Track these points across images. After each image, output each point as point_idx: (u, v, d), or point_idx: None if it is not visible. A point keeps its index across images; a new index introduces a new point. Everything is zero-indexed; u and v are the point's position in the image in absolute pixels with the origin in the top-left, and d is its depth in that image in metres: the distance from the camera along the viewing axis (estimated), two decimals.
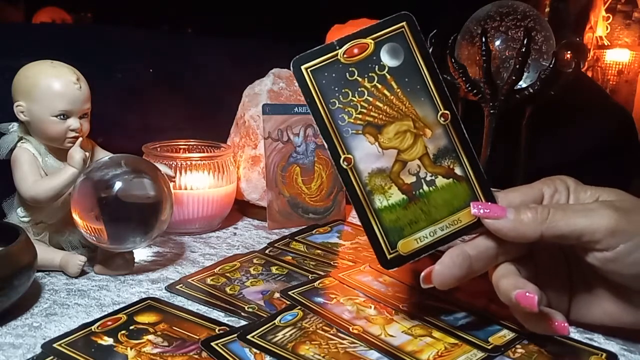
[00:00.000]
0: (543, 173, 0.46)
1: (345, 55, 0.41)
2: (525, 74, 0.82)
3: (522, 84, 0.82)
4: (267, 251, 0.61)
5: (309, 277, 0.54)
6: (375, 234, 0.40)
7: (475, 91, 0.83)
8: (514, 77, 0.80)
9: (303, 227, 0.69)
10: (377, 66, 0.41)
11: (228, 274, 0.54)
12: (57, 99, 0.50)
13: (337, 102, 0.40)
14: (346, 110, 0.41)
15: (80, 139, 0.52)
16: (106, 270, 0.53)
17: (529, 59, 0.80)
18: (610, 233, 0.39)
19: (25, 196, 0.51)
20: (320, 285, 0.52)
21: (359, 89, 0.41)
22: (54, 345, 0.40)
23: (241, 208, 0.74)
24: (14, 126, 0.53)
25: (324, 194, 0.72)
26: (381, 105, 0.41)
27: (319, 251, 0.62)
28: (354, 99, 0.41)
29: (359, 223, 0.41)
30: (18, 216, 0.54)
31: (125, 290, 0.50)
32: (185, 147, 0.71)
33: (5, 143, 0.52)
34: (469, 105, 0.89)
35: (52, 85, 0.50)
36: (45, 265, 0.52)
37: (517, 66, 0.79)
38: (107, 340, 0.41)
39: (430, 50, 0.84)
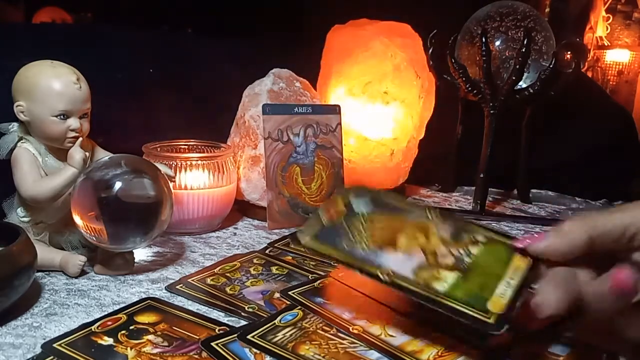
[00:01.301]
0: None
1: (326, 220, 0.47)
2: (525, 74, 0.82)
3: (522, 84, 0.82)
4: (267, 251, 0.61)
5: (309, 277, 0.54)
6: (463, 312, 0.39)
7: (475, 91, 0.83)
8: (514, 77, 0.80)
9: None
10: (357, 214, 0.48)
11: (228, 274, 0.54)
12: (57, 99, 0.50)
13: (345, 245, 0.44)
14: (358, 245, 0.44)
15: (80, 139, 0.52)
16: (106, 270, 0.53)
17: (529, 59, 0.80)
18: None
19: (25, 196, 0.51)
20: (320, 285, 0.52)
21: (357, 231, 0.46)
22: (54, 345, 0.40)
23: (241, 208, 0.74)
24: (14, 126, 0.53)
25: (324, 194, 0.72)
26: (381, 230, 0.46)
27: None
28: (357, 237, 0.45)
29: None
30: (18, 216, 0.54)
31: (125, 290, 0.50)
32: (185, 147, 0.71)
33: (5, 143, 0.52)
34: (469, 105, 0.89)
35: (52, 85, 0.50)
36: (45, 265, 0.52)
37: (517, 66, 0.79)
38: (107, 340, 0.41)
39: (430, 50, 0.84)
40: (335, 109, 0.75)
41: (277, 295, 0.50)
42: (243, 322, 0.46)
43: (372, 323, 0.45)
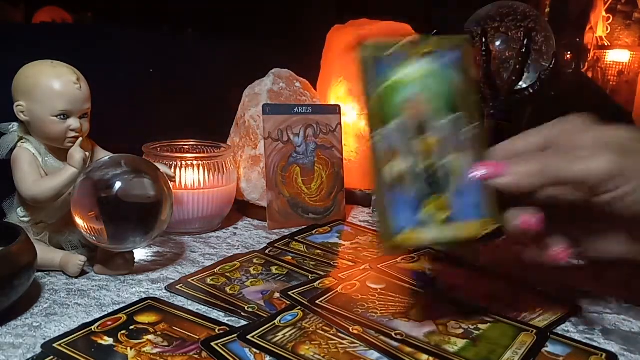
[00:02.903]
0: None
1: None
2: (525, 74, 0.82)
3: (522, 84, 0.82)
4: (267, 251, 0.61)
5: (309, 277, 0.54)
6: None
7: None
8: (514, 78, 0.80)
9: (303, 227, 0.69)
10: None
11: (228, 274, 0.54)
12: (57, 99, 0.50)
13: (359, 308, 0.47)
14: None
15: (80, 139, 0.52)
16: (106, 270, 0.53)
17: (529, 59, 0.80)
18: (611, 176, 0.39)
19: (25, 196, 0.51)
20: (320, 285, 0.52)
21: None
22: (54, 345, 0.40)
23: (241, 208, 0.74)
24: (14, 126, 0.53)
25: (324, 194, 0.72)
26: (394, 303, 0.49)
27: (319, 251, 0.62)
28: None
29: (359, 223, 0.41)
30: (18, 216, 0.54)
31: (125, 290, 0.50)
32: (185, 147, 0.71)
33: (5, 143, 0.52)
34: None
35: (52, 85, 0.50)
36: (45, 265, 0.52)
37: (517, 66, 0.79)
38: (107, 340, 0.41)
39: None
40: (335, 109, 0.75)
41: (277, 295, 0.50)
42: (243, 322, 0.46)
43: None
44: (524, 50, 0.78)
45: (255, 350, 0.41)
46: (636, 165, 0.39)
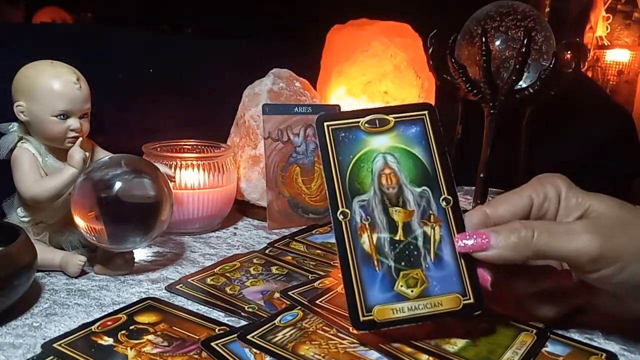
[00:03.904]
0: (543, 173, 0.46)
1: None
2: (525, 74, 0.82)
3: (522, 84, 0.82)
4: (267, 251, 0.61)
5: (309, 277, 0.54)
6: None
7: (475, 91, 0.83)
8: (514, 77, 0.80)
9: (303, 227, 0.69)
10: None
11: (228, 274, 0.54)
12: (57, 99, 0.50)
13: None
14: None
15: (80, 139, 0.52)
16: (106, 270, 0.53)
17: (529, 59, 0.80)
18: (592, 260, 0.39)
19: (25, 196, 0.51)
20: (320, 285, 0.52)
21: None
22: (54, 345, 0.40)
23: (241, 208, 0.74)
24: (14, 126, 0.53)
25: (324, 194, 0.72)
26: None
27: (319, 251, 0.62)
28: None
29: None
30: (18, 216, 0.54)
31: (125, 290, 0.50)
32: (185, 147, 0.71)
33: (5, 143, 0.52)
34: (469, 105, 0.89)
35: (52, 85, 0.50)
36: (45, 265, 0.52)
37: (517, 66, 0.79)
38: (107, 340, 0.41)
39: (430, 50, 0.84)
40: (335, 109, 0.75)
41: (277, 295, 0.50)
42: (243, 322, 0.46)
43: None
44: (524, 50, 0.78)
45: (255, 350, 0.41)
46: (620, 247, 0.39)
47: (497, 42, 0.82)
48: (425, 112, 0.45)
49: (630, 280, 0.39)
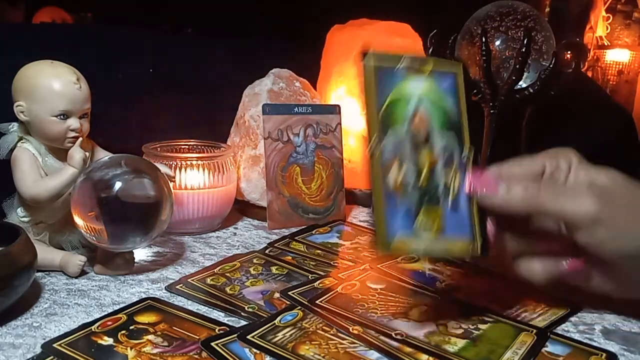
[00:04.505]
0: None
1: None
2: (525, 74, 0.82)
3: (522, 84, 0.82)
4: (267, 251, 0.61)
5: (309, 277, 0.54)
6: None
7: (475, 91, 0.83)
8: (514, 77, 0.80)
9: (303, 227, 0.69)
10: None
11: (228, 274, 0.54)
12: (57, 99, 0.50)
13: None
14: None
15: (80, 139, 0.52)
16: (106, 270, 0.53)
17: (529, 59, 0.80)
18: (591, 221, 0.41)
19: (25, 196, 0.51)
20: (320, 285, 0.52)
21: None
22: (54, 345, 0.40)
23: (241, 208, 0.74)
24: (14, 126, 0.53)
25: (324, 194, 0.72)
26: (394, 304, 0.48)
27: (319, 251, 0.62)
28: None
29: (359, 223, 0.41)
30: (18, 216, 0.54)
31: (125, 290, 0.50)
32: (185, 147, 0.71)
33: (5, 143, 0.52)
34: (469, 105, 0.89)
35: (52, 85, 0.50)
36: (45, 265, 0.52)
37: (517, 66, 0.79)
38: (107, 340, 0.41)
39: (430, 50, 0.84)
40: (335, 109, 0.75)
41: (277, 295, 0.50)
42: (243, 322, 0.46)
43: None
44: (524, 50, 0.78)
45: (255, 350, 0.41)
46: (615, 215, 0.41)
47: (497, 42, 0.82)
48: (459, 68, 0.47)
49: (625, 247, 0.41)
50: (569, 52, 0.89)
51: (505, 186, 0.43)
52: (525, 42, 0.78)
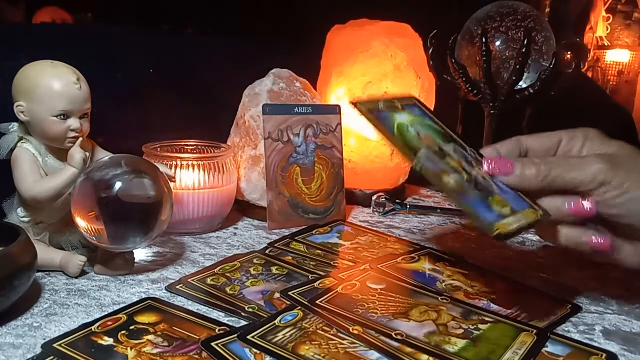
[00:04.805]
0: None
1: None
2: (525, 74, 0.82)
3: (522, 84, 0.82)
4: (267, 251, 0.61)
5: (309, 277, 0.54)
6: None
7: (475, 91, 0.83)
8: (514, 77, 0.80)
9: (303, 227, 0.69)
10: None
11: (228, 274, 0.54)
12: (57, 99, 0.50)
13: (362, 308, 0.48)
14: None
15: (80, 139, 0.52)
16: (106, 270, 0.53)
17: (529, 59, 0.80)
18: (599, 184, 0.44)
19: (25, 196, 0.51)
20: (321, 285, 0.52)
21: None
22: (54, 345, 0.40)
23: (241, 208, 0.74)
24: (14, 126, 0.53)
25: (324, 194, 0.72)
26: (394, 304, 0.49)
27: (319, 251, 0.62)
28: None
29: (359, 223, 0.42)
30: (18, 216, 0.54)
31: (125, 290, 0.50)
32: (185, 147, 0.71)
33: (5, 143, 0.52)
34: (469, 105, 0.89)
35: (52, 85, 0.50)
36: (45, 265, 0.52)
37: (517, 66, 0.79)
38: (107, 340, 0.41)
39: (430, 50, 0.84)
40: (335, 109, 0.75)
41: (277, 295, 0.50)
42: (243, 322, 0.46)
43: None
44: (524, 50, 0.78)
45: (255, 350, 0.41)
46: (622, 179, 0.44)
47: (497, 42, 0.83)
48: (414, 98, 0.53)
49: (632, 204, 0.44)
50: (569, 52, 0.89)
51: (519, 165, 0.45)
52: (525, 42, 0.78)
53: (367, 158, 0.80)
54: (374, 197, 0.79)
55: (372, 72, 0.78)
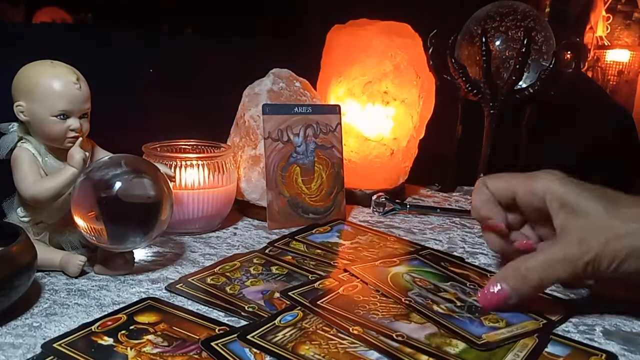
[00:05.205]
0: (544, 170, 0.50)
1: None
2: (525, 74, 0.82)
3: (522, 84, 0.82)
4: (267, 251, 0.61)
5: (309, 277, 0.54)
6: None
7: (475, 91, 0.83)
8: (514, 77, 0.80)
9: (303, 226, 0.69)
10: None
11: (228, 274, 0.54)
12: (57, 99, 0.50)
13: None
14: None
15: (80, 139, 0.52)
16: (106, 270, 0.53)
17: (529, 59, 0.80)
18: (589, 265, 0.45)
19: (25, 196, 0.51)
20: (321, 285, 0.52)
21: None
22: (54, 345, 0.40)
23: (241, 208, 0.74)
24: (14, 126, 0.53)
25: (324, 194, 0.72)
26: (395, 306, 0.50)
27: (319, 251, 0.62)
28: None
29: (359, 223, 0.42)
30: (18, 216, 0.53)
31: (125, 290, 0.50)
32: (185, 147, 0.71)
33: (5, 143, 0.52)
34: (469, 105, 0.89)
35: (52, 85, 0.50)
36: (45, 265, 0.52)
37: (517, 66, 0.79)
38: (107, 340, 0.41)
39: (430, 50, 0.84)
40: (335, 109, 0.75)
41: (277, 295, 0.50)
42: (243, 322, 0.46)
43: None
44: (524, 50, 0.78)
45: (255, 350, 0.41)
46: (591, 247, 0.45)
47: (497, 42, 0.83)
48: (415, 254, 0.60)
49: (629, 263, 0.45)
50: (569, 52, 0.89)
51: (514, 295, 0.48)
52: (525, 42, 0.78)
53: (367, 158, 0.81)
54: (374, 197, 0.79)
55: (372, 72, 0.78)
